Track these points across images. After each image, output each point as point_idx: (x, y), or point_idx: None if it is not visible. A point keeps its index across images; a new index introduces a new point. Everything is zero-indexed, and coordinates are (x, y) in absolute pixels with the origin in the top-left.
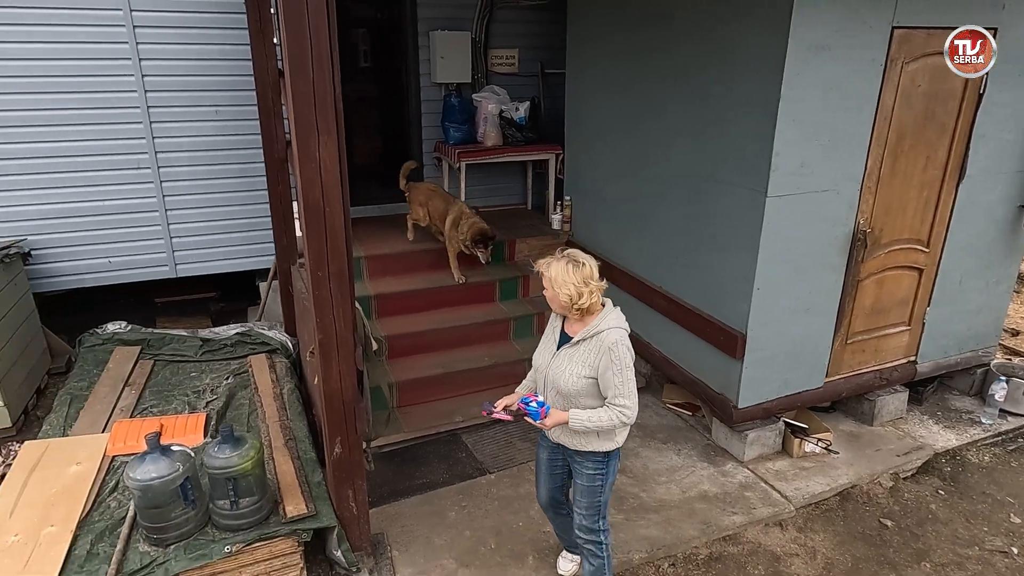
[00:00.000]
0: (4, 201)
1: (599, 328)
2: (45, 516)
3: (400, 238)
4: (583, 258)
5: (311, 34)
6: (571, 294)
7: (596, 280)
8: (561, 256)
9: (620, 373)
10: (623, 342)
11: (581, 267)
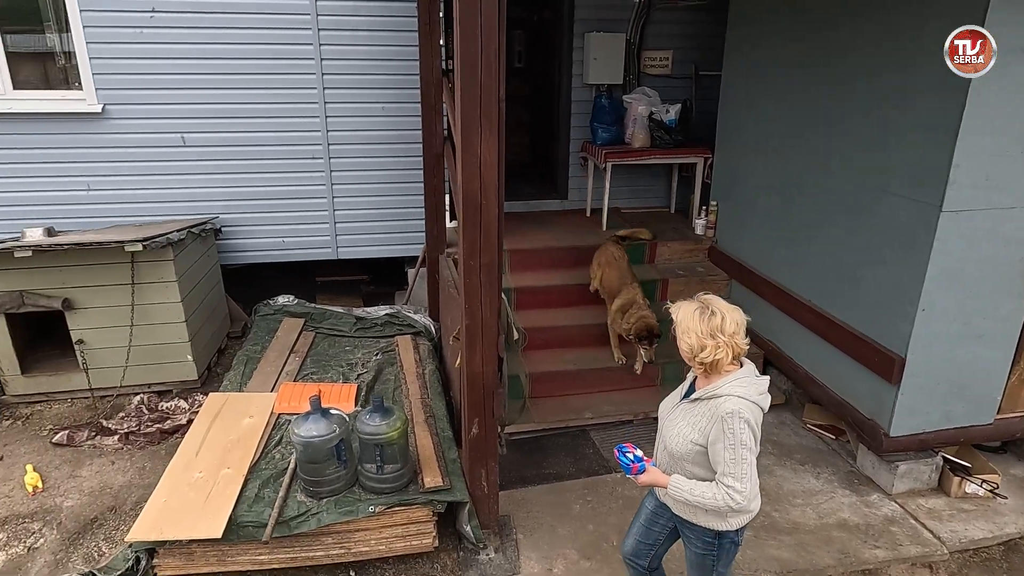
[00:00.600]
0: (202, 183)
1: (718, 391)
2: (223, 459)
3: (542, 234)
4: (720, 307)
5: (482, 38)
6: (692, 344)
7: (729, 335)
8: (696, 300)
9: (732, 449)
10: (742, 415)
11: (711, 316)
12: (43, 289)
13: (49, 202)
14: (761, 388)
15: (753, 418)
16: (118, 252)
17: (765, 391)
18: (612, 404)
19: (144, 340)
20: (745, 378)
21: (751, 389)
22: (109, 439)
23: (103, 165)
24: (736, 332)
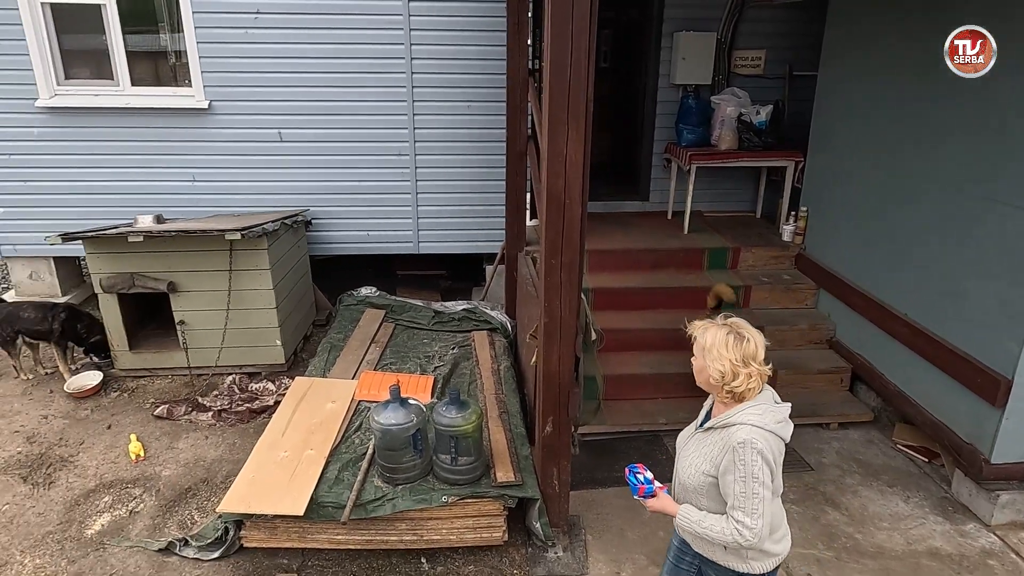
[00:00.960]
0: (295, 176)
1: (730, 420)
2: (307, 441)
3: (621, 236)
4: (750, 332)
5: (573, 38)
6: (724, 371)
7: (760, 363)
8: (723, 324)
9: (743, 482)
10: (755, 445)
11: (745, 342)
12: (151, 272)
13: (158, 191)
14: (780, 416)
15: (770, 448)
16: (218, 240)
17: (785, 419)
18: (688, 411)
19: (238, 324)
20: (762, 405)
21: (768, 417)
22: (204, 415)
23: (207, 158)
24: (762, 360)
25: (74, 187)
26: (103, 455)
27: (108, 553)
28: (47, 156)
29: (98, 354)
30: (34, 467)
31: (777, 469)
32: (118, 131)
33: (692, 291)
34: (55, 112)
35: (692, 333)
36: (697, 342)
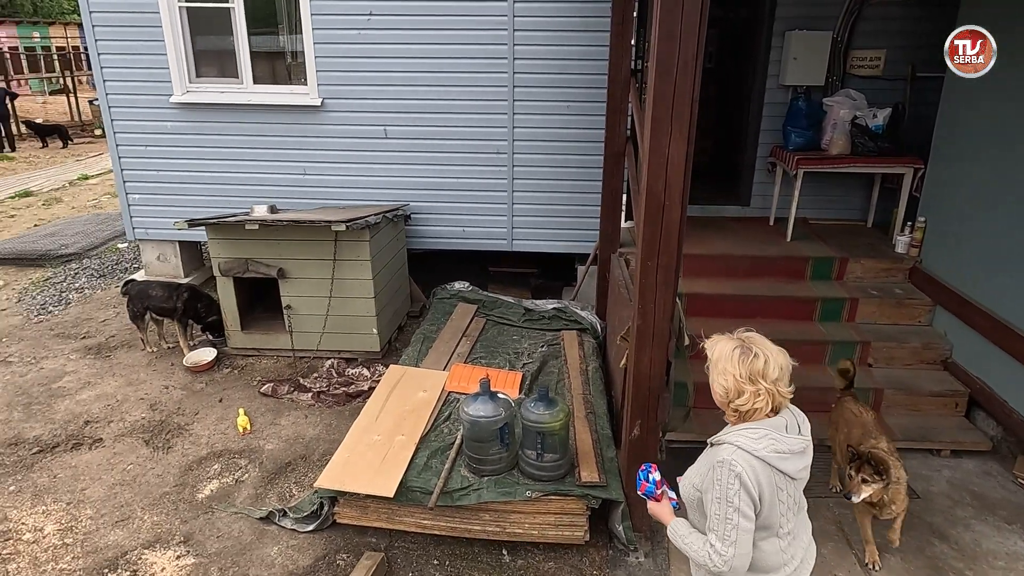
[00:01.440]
0: (398, 172)
1: (722, 437)
2: (398, 426)
3: (718, 241)
4: (764, 348)
5: (681, 37)
6: (727, 387)
7: (771, 381)
8: (735, 337)
9: (718, 503)
10: (733, 467)
11: (753, 357)
12: (264, 258)
13: (272, 183)
14: (784, 446)
15: (753, 476)
16: (325, 230)
17: (793, 451)
18: None
19: (338, 311)
20: (762, 429)
21: (764, 443)
22: (304, 395)
23: (317, 152)
24: (779, 378)
25: (199, 177)
26: (214, 426)
27: (216, 517)
28: (177, 148)
29: (214, 333)
30: (155, 432)
31: (768, 502)
32: (240, 126)
33: (793, 301)
34: (186, 108)
35: (702, 345)
36: (710, 357)
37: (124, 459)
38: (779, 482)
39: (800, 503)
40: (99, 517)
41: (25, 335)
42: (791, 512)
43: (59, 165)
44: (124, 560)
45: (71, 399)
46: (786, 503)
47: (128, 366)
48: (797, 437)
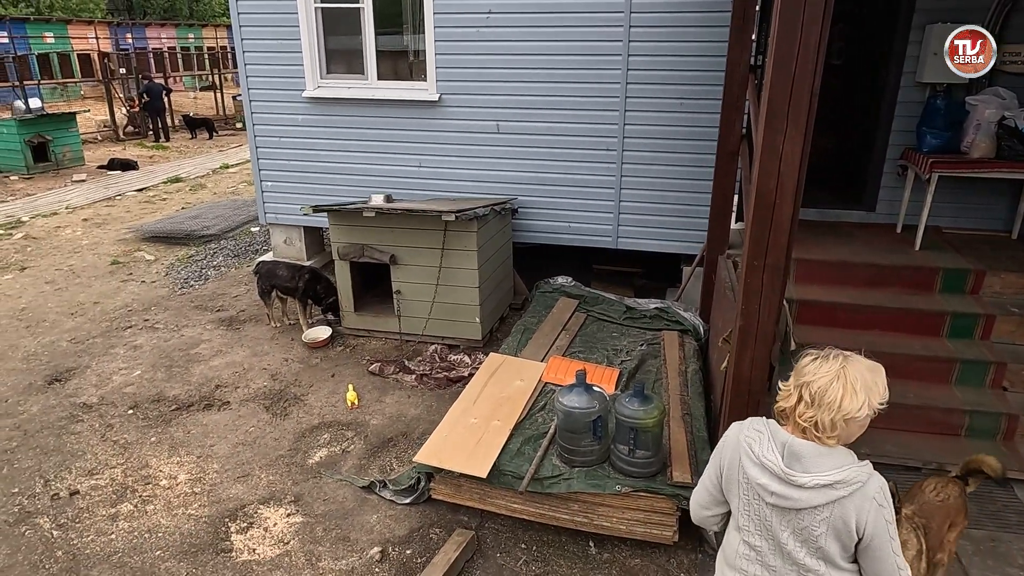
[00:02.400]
0: (508, 167)
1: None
2: (494, 412)
3: (836, 247)
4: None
5: (802, 30)
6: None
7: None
8: (837, 357)
9: None
10: (729, 430)
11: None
12: (378, 244)
13: (389, 174)
14: (757, 448)
15: (725, 443)
16: (435, 220)
17: (759, 456)
18: (897, 445)
19: (444, 298)
20: (764, 423)
21: (751, 432)
22: (408, 377)
23: (433, 146)
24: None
25: (324, 167)
26: (326, 399)
27: (323, 482)
28: (306, 140)
29: (331, 312)
30: (274, 400)
31: (727, 477)
32: (363, 119)
33: (917, 314)
34: (316, 102)
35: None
36: (850, 384)
37: (247, 422)
38: (742, 475)
39: (772, 529)
40: (223, 471)
41: (170, 305)
42: (754, 518)
43: (205, 155)
44: (243, 512)
45: (205, 364)
46: (749, 502)
47: (254, 338)
48: (775, 456)
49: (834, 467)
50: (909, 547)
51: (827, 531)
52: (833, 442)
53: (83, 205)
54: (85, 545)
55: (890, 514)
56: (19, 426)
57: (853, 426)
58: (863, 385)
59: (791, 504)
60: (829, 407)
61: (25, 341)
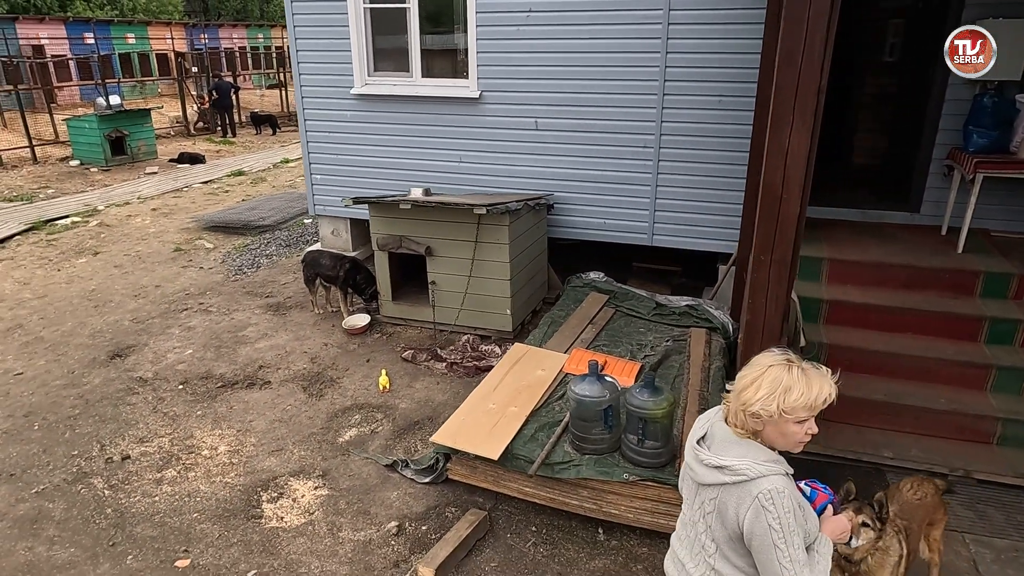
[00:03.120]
0: (546, 163)
1: None
2: (513, 399)
3: (874, 247)
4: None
5: (808, 24)
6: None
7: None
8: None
9: None
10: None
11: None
12: (414, 236)
13: (431, 169)
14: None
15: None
16: (469, 213)
17: (695, 441)
18: (922, 450)
19: (476, 290)
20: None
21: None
22: (439, 364)
23: (473, 142)
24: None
25: (368, 161)
26: (360, 382)
27: (350, 459)
28: (353, 135)
29: (370, 301)
30: (312, 381)
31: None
32: (406, 115)
33: (954, 318)
34: (363, 99)
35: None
36: (784, 391)
37: (285, 400)
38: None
39: (690, 500)
40: (260, 445)
41: (223, 290)
42: (686, 489)
43: (267, 150)
44: (274, 483)
45: (251, 346)
46: (684, 473)
47: (298, 323)
48: (699, 432)
49: (735, 455)
50: (891, 553)
51: (714, 512)
52: (741, 432)
53: (153, 196)
54: (132, 504)
55: (777, 521)
56: (82, 396)
57: (751, 420)
58: (772, 384)
59: (696, 477)
60: (737, 396)
61: (93, 319)
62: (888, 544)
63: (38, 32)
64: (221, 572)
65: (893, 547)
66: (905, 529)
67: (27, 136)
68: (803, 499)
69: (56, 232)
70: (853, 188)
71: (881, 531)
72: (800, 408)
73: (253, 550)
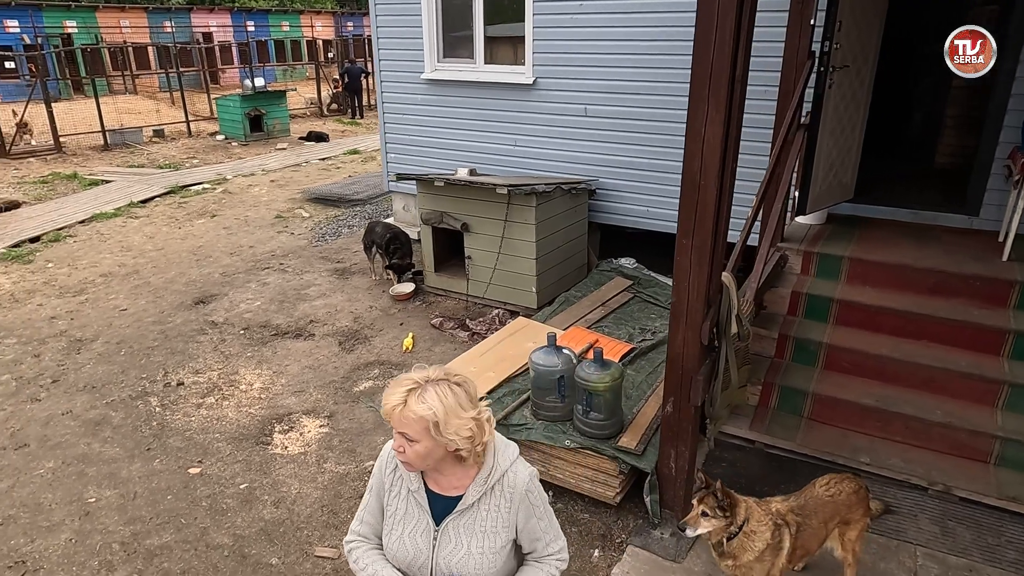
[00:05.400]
0: (591, 149)
1: (503, 470)
2: (494, 365)
3: (907, 249)
4: (460, 376)
5: (718, 17)
6: (469, 434)
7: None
8: (436, 377)
9: (543, 513)
10: (536, 475)
11: (470, 394)
12: (453, 212)
13: (488, 151)
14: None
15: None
16: (494, 192)
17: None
18: (905, 460)
19: (504, 267)
20: (506, 445)
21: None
22: (463, 333)
23: (526, 126)
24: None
25: (433, 141)
26: (388, 343)
27: (357, 406)
28: (421, 117)
29: (396, 272)
30: (348, 337)
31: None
32: (469, 100)
33: (977, 329)
34: (431, 83)
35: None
36: (416, 415)
37: (320, 351)
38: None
39: None
40: (287, 386)
41: (303, 254)
42: None
43: None
44: (288, 418)
45: (308, 303)
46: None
47: (354, 287)
48: None
49: None
50: (757, 539)
51: None
52: None
53: (276, 169)
54: (172, 421)
55: None
56: (163, 332)
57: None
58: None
59: None
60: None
61: (192, 271)
62: (755, 530)
63: (208, 21)
64: (222, 480)
65: (761, 534)
66: (798, 524)
67: (184, 113)
68: None
69: (188, 196)
70: (917, 187)
71: (728, 519)
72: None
73: (252, 468)
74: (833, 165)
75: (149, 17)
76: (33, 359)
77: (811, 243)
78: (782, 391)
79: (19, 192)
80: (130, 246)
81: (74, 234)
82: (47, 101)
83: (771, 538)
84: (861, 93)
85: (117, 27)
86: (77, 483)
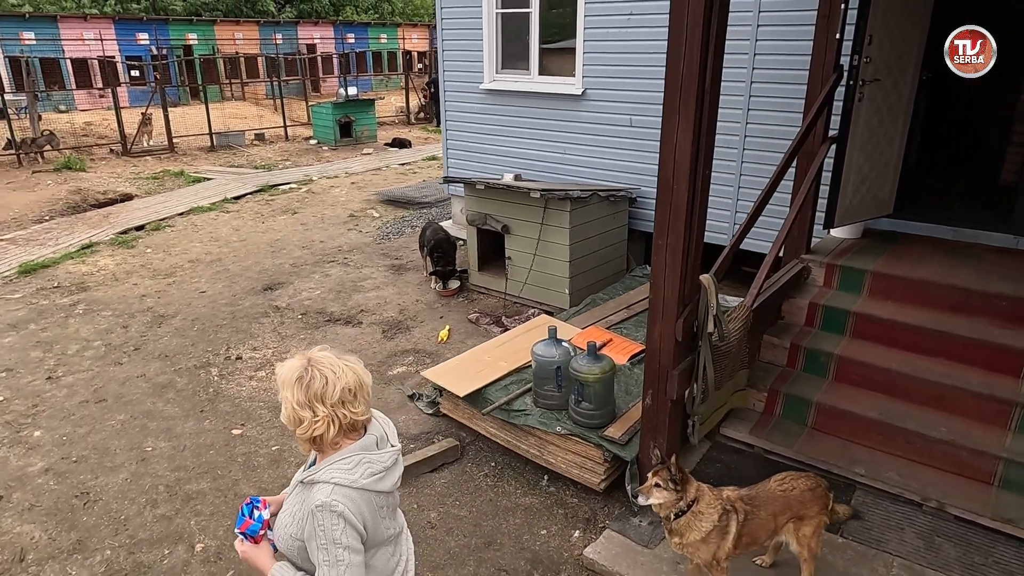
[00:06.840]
0: (635, 159)
1: (315, 477)
2: (508, 356)
3: (936, 267)
4: (328, 368)
5: (687, 29)
6: (288, 416)
7: (331, 406)
8: (304, 355)
9: (325, 550)
10: (335, 508)
11: (310, 381)
12: (496, 214)
13: (539, 158)
14: (377, 467)
15: (356, 510)
16: (529, 197)
17: (383, 469)
18: (902, 474)
19: (540, 268)
20: (351, 457)
21: (358, 472)
22: (496, 329)
23: (575, 136)
24: (346, 401)
25: (488, 148)
26: (427, 333)
27: (388, 388)
28: (478, 124)
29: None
30: (391, 327)
31: (372, 525)
32: (523, 109)
33: (996, 350)
34: (489, 93)
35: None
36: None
37: (364, 338)
38: (379, 501)
39: (395, 503)
40: None
41: (366, 250)
42: (391, 518)
43: None
44: None
45: (362, 295)
46: (386, 515)
47: (406, 282)
48: (388, 451)
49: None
50: (704, 520)
51: None
52: None
53: (358, 172)
54: (226, 389)
55: None
56: (232, 312)
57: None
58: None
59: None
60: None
61: (266, 261)
62: (703, 511)
63: (312, 33)
64: (259, 441)
65: (708, 516)
66: (746, 512)
67: (283, 118)
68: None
69: (276, 195)
70: (968, 205)
71: (678, 493)
72: None
73: (285, 434)
74: (865, 179)
75: (260, 30)
76: (122, 330)
77: (836, 256)
78: (788, 399)
79: (133, 186)
80: (218, 237)
81: (172, 224)
82: (164, 106)
83: (718, 520)
84: (899, 107)
85: (232, 39)
86: (139, 434)
